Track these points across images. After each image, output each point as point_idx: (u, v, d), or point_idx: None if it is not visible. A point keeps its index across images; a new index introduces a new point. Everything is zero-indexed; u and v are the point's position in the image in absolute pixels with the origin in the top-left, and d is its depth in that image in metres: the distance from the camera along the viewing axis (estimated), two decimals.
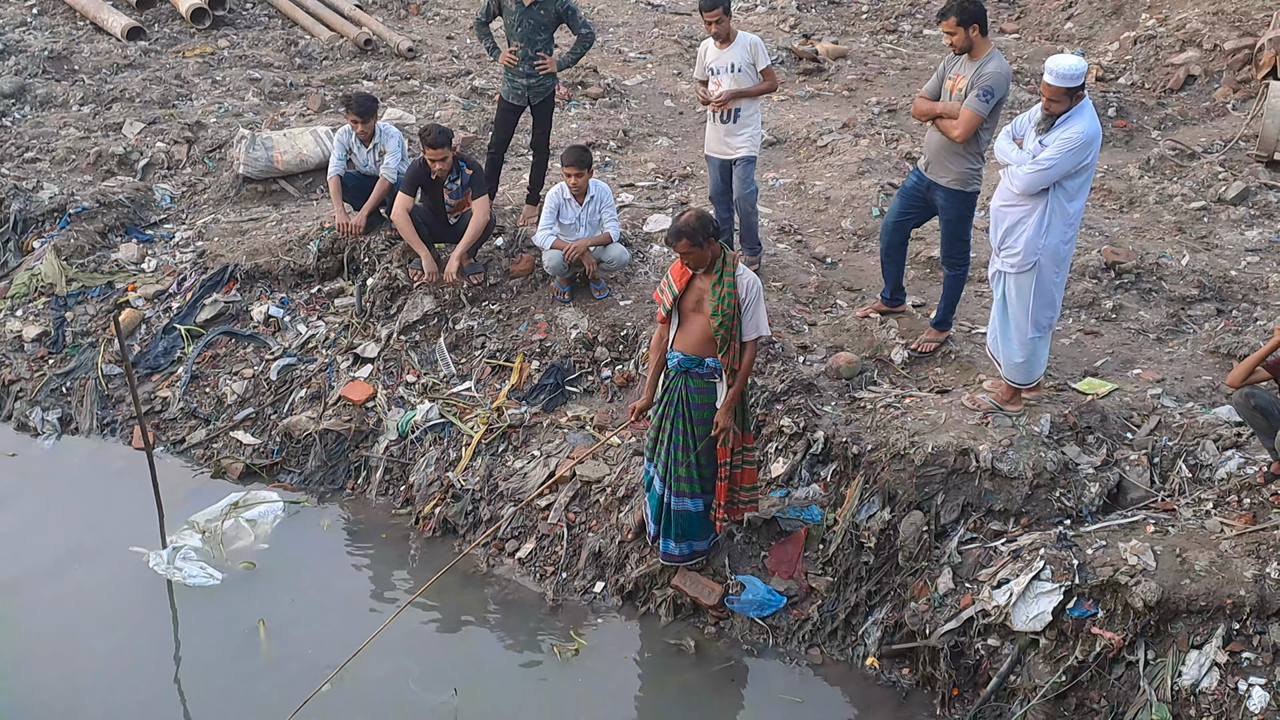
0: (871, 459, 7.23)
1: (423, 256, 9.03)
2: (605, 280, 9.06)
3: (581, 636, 7.10)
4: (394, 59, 13.83)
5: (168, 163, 11.56)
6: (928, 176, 7.67)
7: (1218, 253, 9.65)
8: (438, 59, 13.90)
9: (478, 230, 8.93)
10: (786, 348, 8.17)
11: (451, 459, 8.34)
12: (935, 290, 8.61)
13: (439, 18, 15.56)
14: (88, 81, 12.80)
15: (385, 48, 14.04)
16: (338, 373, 9.07)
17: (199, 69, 13.29)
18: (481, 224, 8.92)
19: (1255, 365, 6.27)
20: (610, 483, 7.78)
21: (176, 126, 11.90)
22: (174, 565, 7.52)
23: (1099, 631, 6.13)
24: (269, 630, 7.11)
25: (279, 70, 13.37)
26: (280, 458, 8.67)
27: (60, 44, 13.33)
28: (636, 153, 12.00)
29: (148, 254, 10.36)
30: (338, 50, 13.88)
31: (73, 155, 11.47)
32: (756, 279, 6.66)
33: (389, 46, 14.01)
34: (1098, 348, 8.26)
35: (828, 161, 11.58)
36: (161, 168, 11.52)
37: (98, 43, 13.55)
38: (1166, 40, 13.30)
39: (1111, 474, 6.92)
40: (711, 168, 8.88)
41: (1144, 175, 11.05)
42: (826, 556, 7.18)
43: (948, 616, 6.60)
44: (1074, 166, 6.56)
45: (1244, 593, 5.91)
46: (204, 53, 13.67)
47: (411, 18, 15.48)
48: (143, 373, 9.33)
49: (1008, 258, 6.89)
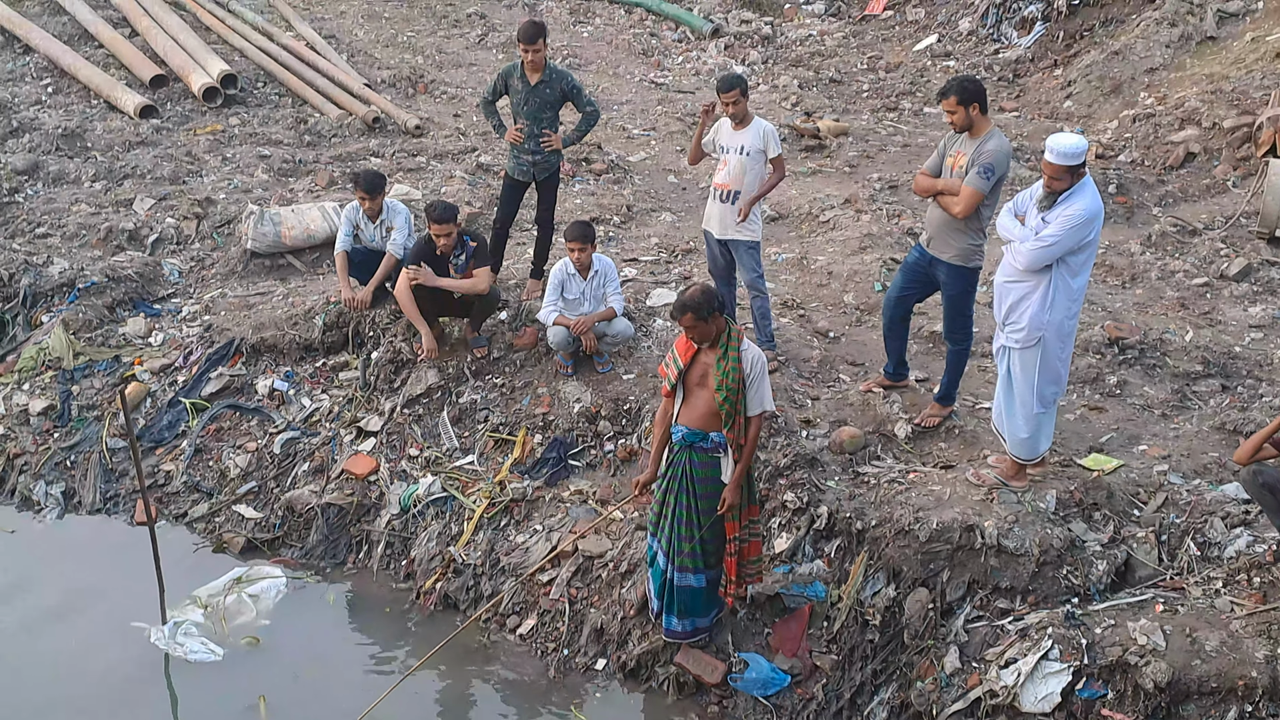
0: (876, 535, 7.19)
1: (423, 333, 9.07)
2: (609, 354, 9.07)
3: (583, 713, 7.00)
4: (401, 136, 14.00)
5: (177, 238, 11.66)
6: (930, 252, 7.70)
7: (1221, 329, 9.66)
8: (444, 136, 14.08)
9: (470, 285, 8.93)
10: (790, 422, 8.15)
11: (453, 533, 8.30)
12: (938, 365, 8.61)
13: (446, 96, 15.78)
14: (100, 158, 12.96)
15: (393, 125, 14.23)
16: (341, 446, 9.06)
17: (209, 146, 13.46)
18: (479, 286, 8.94)
19: (1263, 442, 6.24)
20: (613, 558, 7.73)
21: (186, 202, 12.02)
22: (175, 641, 7.47)
23: (1109, 713, 6.05)
24: (270, 706, 7.03)
25: (288, 147, 13.54)
26: (282, 532, 8.64)
27: (74, 122, 13.51)
28: (640, 228, 12.10)
29: (155, 328, 10.41)
30: (346, 128, 14.06)
31: (83, 231, 11.58)
32: (761, 354, 6.67)
33: (397, 124, 14.20)
34: (1103, 423, 8.24)
35: (830, 236, 11.66)
36: (170, 243, 11.62)
37: (110, 120, 13.73)
38: (1165, 118, 13.43)
39: (1119, 551, 6.87)
40: (709, 244, 8.92)
41: (1145, 251, 11.11)
42: (831, 634, 7.11)
43: (955, 697, 6.51)
44: (1077, 243, 6.59)
45: (1256, 674, 5.83)
46: (215, 130, 13.85)
47: (419, 96, 15.71)
48: (147, 446, 9.33)
49: (1012, 333, 6.90)
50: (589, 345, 8.85)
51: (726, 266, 8.87)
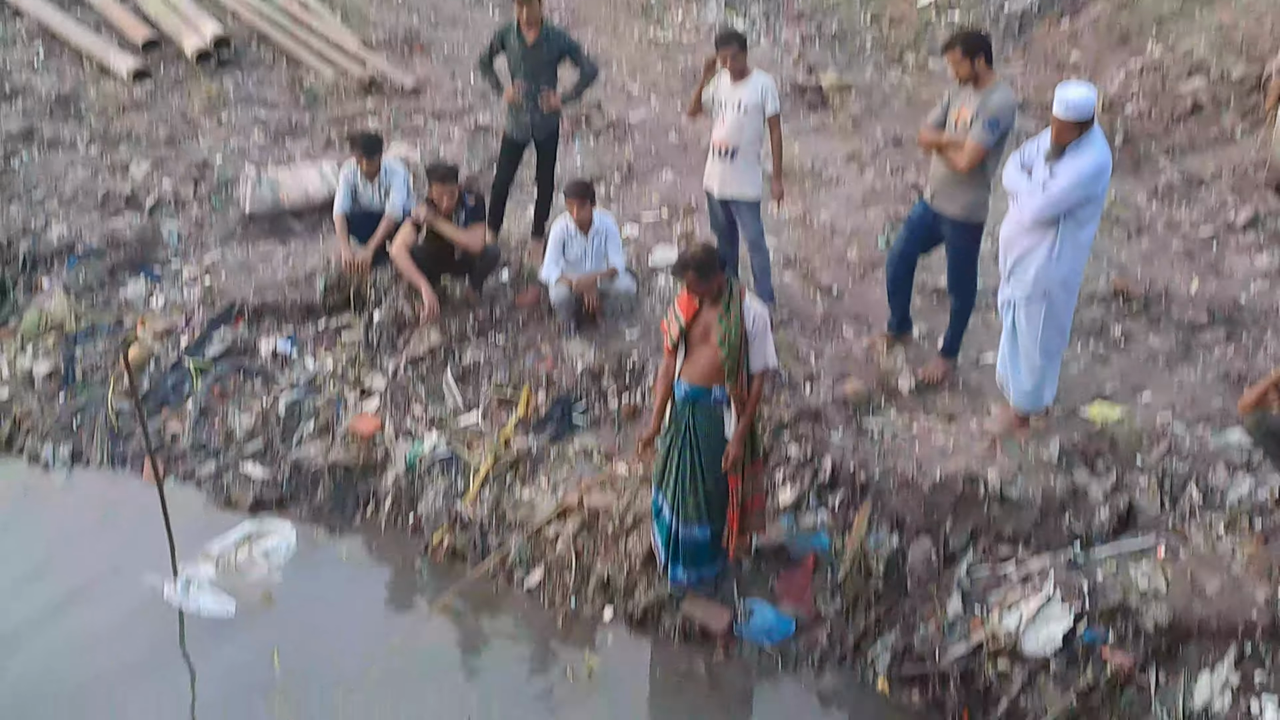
0: (880, 486, 7.22)
1: (423, 290, 9.04)
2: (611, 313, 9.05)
3: (592, 661, 7.06)
4: (398, 96, 13.91)
5: (175, 201, 11.62)
6: (933, 207, 7.67)
7: (1227, 279, 9.63)
8: (442, 96, 14.00)
9: (467, 240, 8.92)
10: (793, 377, 8.16)
11: (459, 490, 8.33)
12: (942, 319, 8.60)
13: (443, 55, 15.67)
14: (94, 122, 12.91)
15: (390, 85, 14.13)
16: (345, 406, 9.08)
17: (205, 109, 13.40)
18: (474, 244, 8.92)
19: (1268, 389, 6.25)
20: (618, 512, 7.77)
21: (183, 166, 11.99)
22: (189, 596, 7.53)
23: (1110, 655, 6.09)
24: (283, 659, 7.09)
25: (284, 109, 13.47)
26: (289, 490, 8.68)
27: (67, 86, 13.44)
28: (641, 186, 12.05)
29: (155, 291, 10.41)
30: (343, 89, 13.97)
31: (80, 195, 11.55)
32: (764, 310, 6.67)
33: (393, 84, 14.11)
34: (1107, 374, 8.24)
35: (833, 193, 11.61)
36: (169, 206, 11.58)
37: (104, 84, 13.65)
38: (1173, 69, 13.31)
39: (1122, 498, 6.90)
40: (710, 202, 8.90)
41: (1152, 202, 11.06)
42: (835, 582, 7.15)
43: (957, 641, 6.56)
44: (1085, 196, 6.55)
45: (1256, 615, 5.88)
46: (209, 93, 13.77)
47: (415, 56, 15.58)
48: (152, 407, 9.35)
49: (1018, 286, 6.89)
50: (591, 304, 8.85)
51: (728, 224, 8.85)
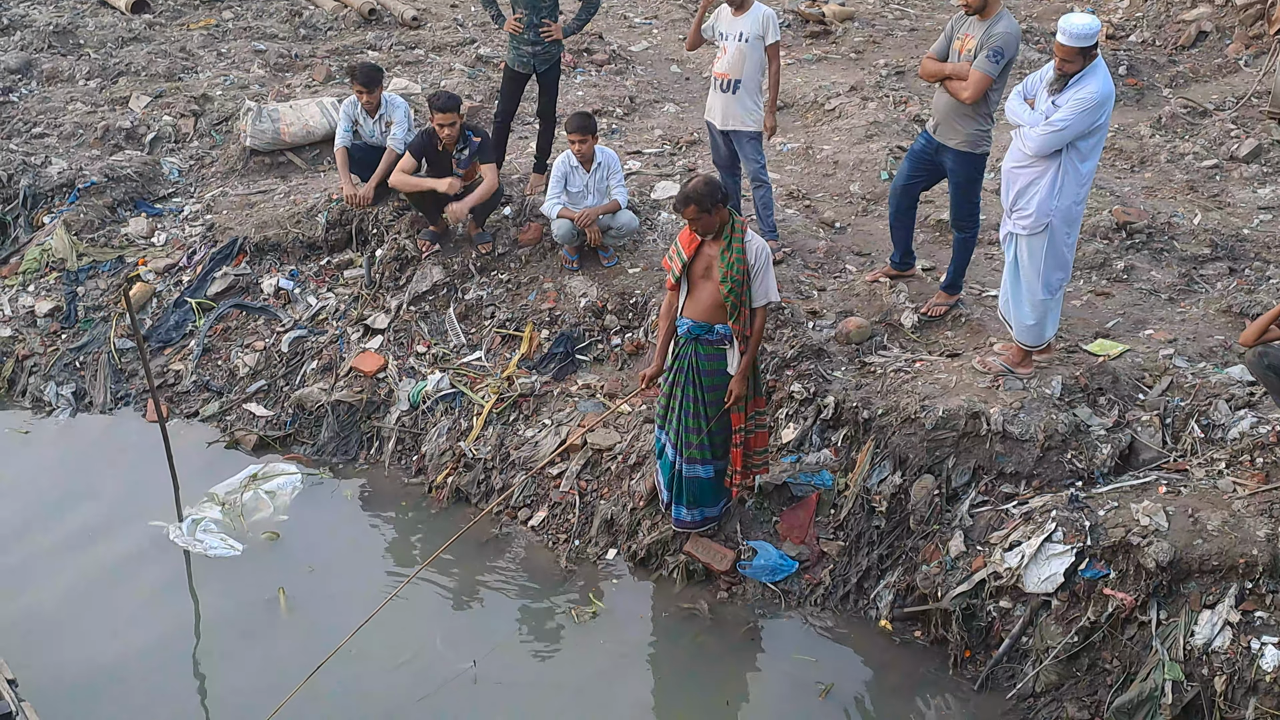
0: (882, 423, 7.23)
1: (437, 185, 8.85)
2: (614, 248, 9.04)
3: (596, 600, 7.13)
4: (399, 28, 13.78)
5: (175, 136, 11.55)
6: (936, 139, 7.61)
7: (1230, 211, 9.59)
8: (442, 28, 13.86)
9: (486, 191, 8.89)
10: (796, 313, 8.15)
11: (463, 429, 8.37)
12: (945, 254, 8.58)
13: None
14: (93, 56, 12.80)
15: (390, 17, 13.99)
16: (348, 344, 9.09)
17: (204, 42, 13.28)
18: (490, 187, 8.89)
19: (1269, 324, 6.23)
20: (621, 450, 7.80)
21: (183, 100, 11.89)
22: (195, 537, 7.57)
23: (1111, 592, 6.14)
24: (289, 598, 7.17)
25: (284, 42, 13.35)
26: (293, 429, 8.72)
27: (65, 18, 13.31)
28: (643, 119, 11.96)
29: (157, 228, 10.37)
30: (342, 20, 13.84)
31: (80, 130, 11.47)
32: (766, 245, 6.64)
33: (393, 16, 13.96)
34: (1109, 309, 8.23)
35: (835, 125, 11.52)
36: (169, 141, 11.51)
37: (102, 17, 13.53)
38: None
39: (1123, 435, 6.91)
40: (712, 134, 8.83)
41: (1155, 134, 10.98)
42: (838, 521, 7.19)
43: (959, 579, 6.61)
44: (1088, 127, 6.49)
45: (1257, 552, 5.90)
46: (208, 25, 13.64)
47: None
48: (155, 346, 9.37)
49: (1019, 219, 6.85)
50: (593, 238, 8.82)
51: (729, 157, 8.79)
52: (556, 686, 6.57)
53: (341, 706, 6.36)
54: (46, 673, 6.33)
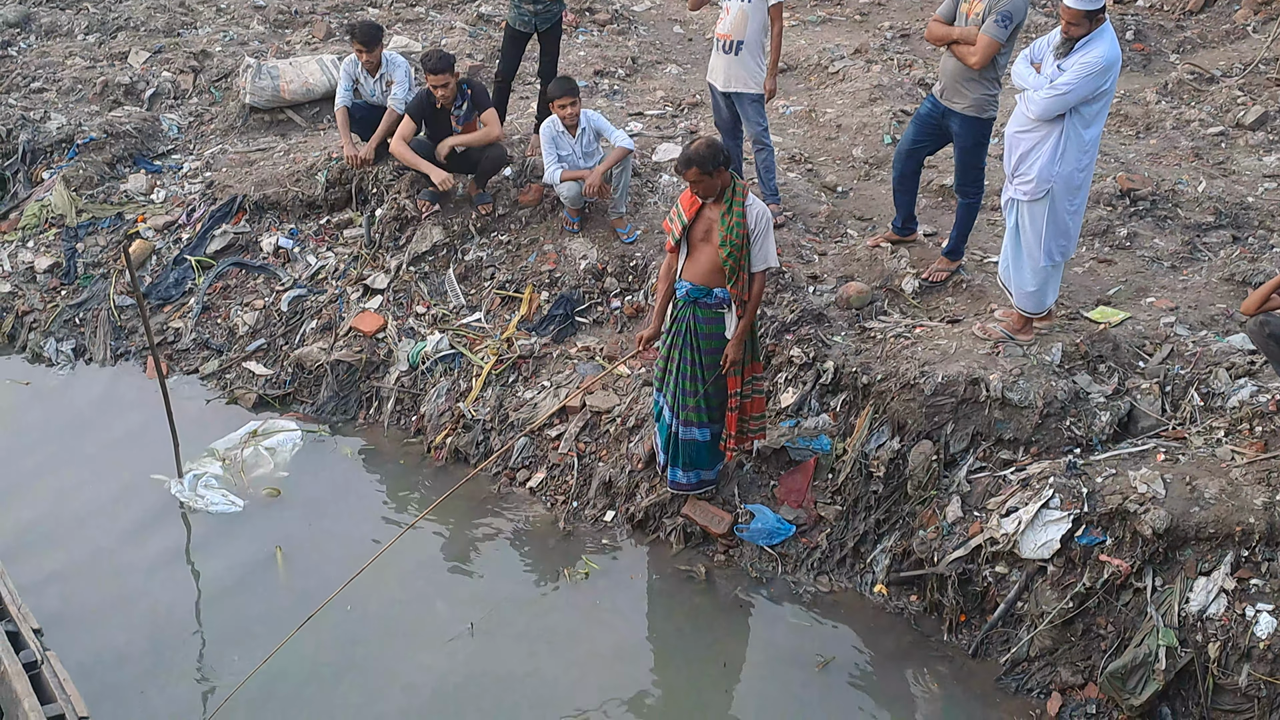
0: (881, 389, 7.22)
1: (430, 172, 8.87)
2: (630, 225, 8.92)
3: (592, 562, 7.15)
4: None
5: (174, 92, 11.49)
6: (943, 103, 7.55)
7: (1235, 179, 9.54)
8: None
9: (483, 137, 8.82)
10: (796, 278, 8.13)
11: (462, 389, 8.36)
12: (947, 219, 8.54)
13: None
14: (92, 10, 12.71)
15: None
16: (348, 304, 9.07)
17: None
18: (489, 135, 8.82)
19: (1270, 292, 6.21)
20: (620, 413, 7.81)
21: (182, 55, 11.81)
22: (196, 493, 7.60)
23: (1107, 559, 6.16)
24: (287, 556, 7.19)
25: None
26: (292, 388, 8.72)
27: None
28: (645, 81, 11.88)
29: (156, 185, 10.33)
30: None
31: (79, 85, 11.40)
32: (766, 209, 6.60)
33: None
34: (1111, 276, 8.20)
35: (839, 88, 11.45)
36: (168, 97, 11.45)
37: None
38: None
39: (1122, 403, 6.90)
40: (714, 96, 8.77)
41: (1161, 100, 10.91)
42: (835, 486, 7.20)
43: (956, 544, 6.63)
44: (1092, 92, 6.44)
45: (1253, 520, 5.91)
46: None
47: None
48: (154, 303, 9.36)
49: (1021, 185, 6.81)
50: (600, 192, 8.69)
51: (732, 119, 8.73)
52: (550, 644, 6.60)
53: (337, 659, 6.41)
54: (53, 623, 6.36)
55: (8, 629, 5.08)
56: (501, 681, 6.33)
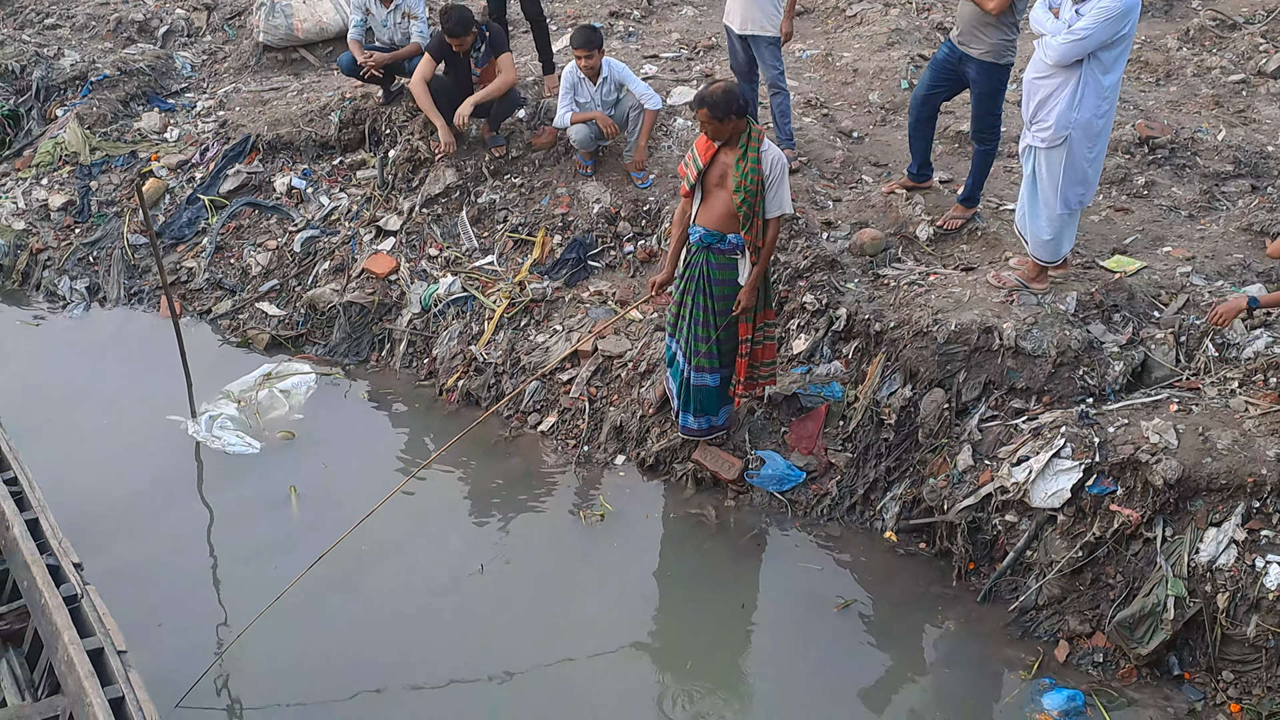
0: (894, 336, 7.21)
1: (439, 128, 8.90)
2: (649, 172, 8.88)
3: (608, 503, 7.19)
4: None
5: (187, 30, 11.43)
6: (960, 48, 7.47)
7: (1255, 127, 9.43)
8: None
9: (501, 87, 8.75)
10: (810, 224, 8.09)
11: (474, 333, 8.37)
12: (963, 166, 8.47)
13: None
14: None
15: None
16: (360, 245, 9.06)
17: None
18: (507, 82, 8.75)
19: None
20: (632, 358, 7.81)
21: None
22: (212, 434, 7.63)
23: (1117, 509, 6.17)
24: (301, 495, 7.24)
25: None
26: (305, 329, 8.74)
27: None
28: (661, 23, 11.76)
29: (170, 123, 10.30)
30: None
31: (93, 22, 11.35)
32: (782, 155, 6.54)
33: None
34: (1128, 225, 8.14)
35: (856, 32, 11.32)
36: (181, 35, 11.39)
37: None
38: None
39: (1136, 353, 6.88)
40: (730, 39, 8.67)
41: (1182, 47, 10.76)
42: (847, 433, 7.21)
43: (966, 493, 6.64)
44: (1110, 37, 6.35)
45: (1265, 471, 5.90)
46: None
47: None
48: (168, 243, 9.37)
49: (1039, 132, 6.74)
50: (609, 131, 8.63)
51: (748, 63, 8.64)
52: (566, 585, 6.65)
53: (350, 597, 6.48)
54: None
55: (49, 563, 5.14)
56: (514, 617, 6.39)
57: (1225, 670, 5.84)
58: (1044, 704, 5.83)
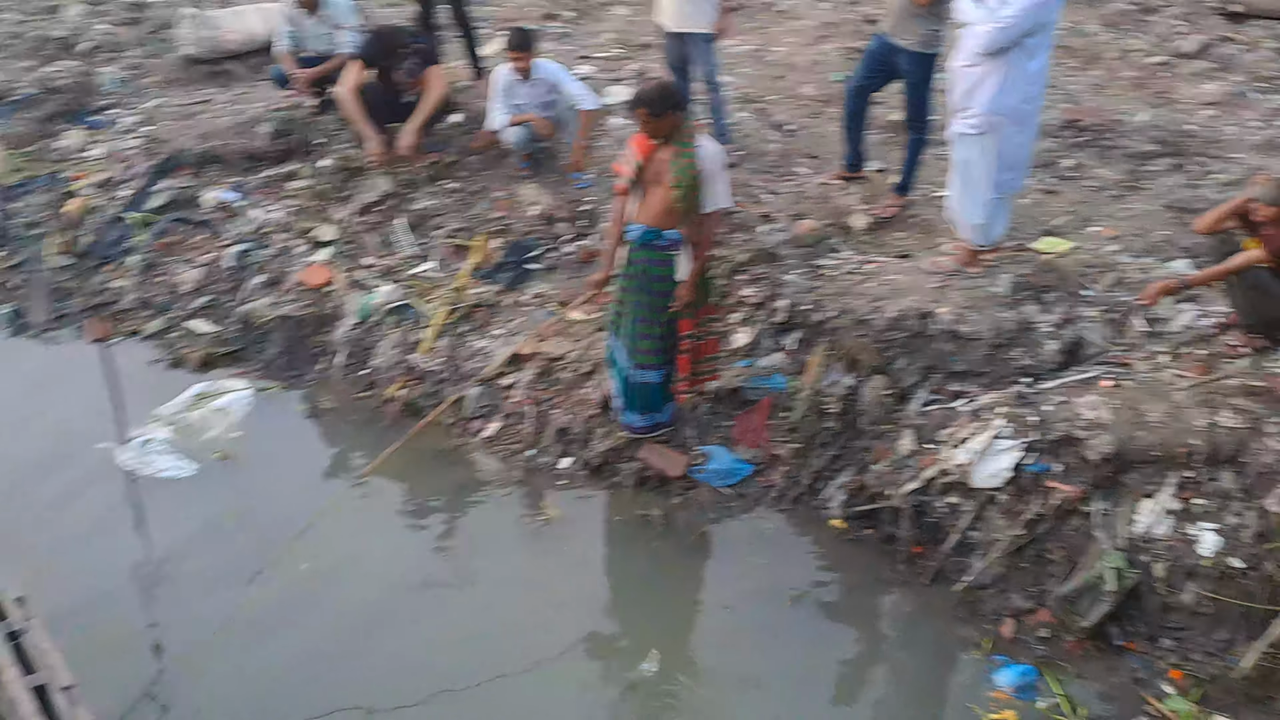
0: (834, 326, 7.26)
1: (366, 137, 8.83)
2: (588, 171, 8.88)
3: (550, 509, 7.17)
4: None
5: (111, 45, 11.25)
6: (890, 40, 7.56)
7: (1176, 107, 9.62)
8: None
9: (434, 103, 8.72)
10: (748, 217, 8.13)
11: (414, 341, 8.30)
12: (897, 155, 8.55)
13: None
14: None
15: None
16: (294, 257, 8.96)
17: None
18: (439, 97, 8.72)
19: (1228, 214, 6.32)
20: (575, 359, 7.79)
21: (118, 7, 11.58)
22: (145, 459, 7.46)
23: (1056, 485, 6.26)
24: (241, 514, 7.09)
25: None
26: (240, 345, 8.61)
27: None
28: (594, 23, 11.78)
29: (94, 141, 10.14)
30: None
31: (12, 40, 11.17)
32: (719, 150, 6.57)
33: None
34: (1057, 206, 8.27)
35: (788, 27, 11.41)
36: (105, 51, 11.22)
37: None
38: None
39: (1069, 331, 6.98)
40: (666, 37, 8.70)
41: (1104, 31, 10.96)
42: (791, 424, 7.24)
43: (910, 477, 6.70)
44: (1035, 23, 6.46)
45: (1197, 442, 6.02)
46: None
47: None
48: (94, 263, 9.20)
49: (967, 119, 6.84)
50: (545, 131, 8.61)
51: (682, 60, 8.67)
52: (510, 592, 6.60)
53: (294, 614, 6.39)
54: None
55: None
56: (462, 630, 6.33)
57: (1165, 638, 5.95)
58: (997, 681, 5.90)
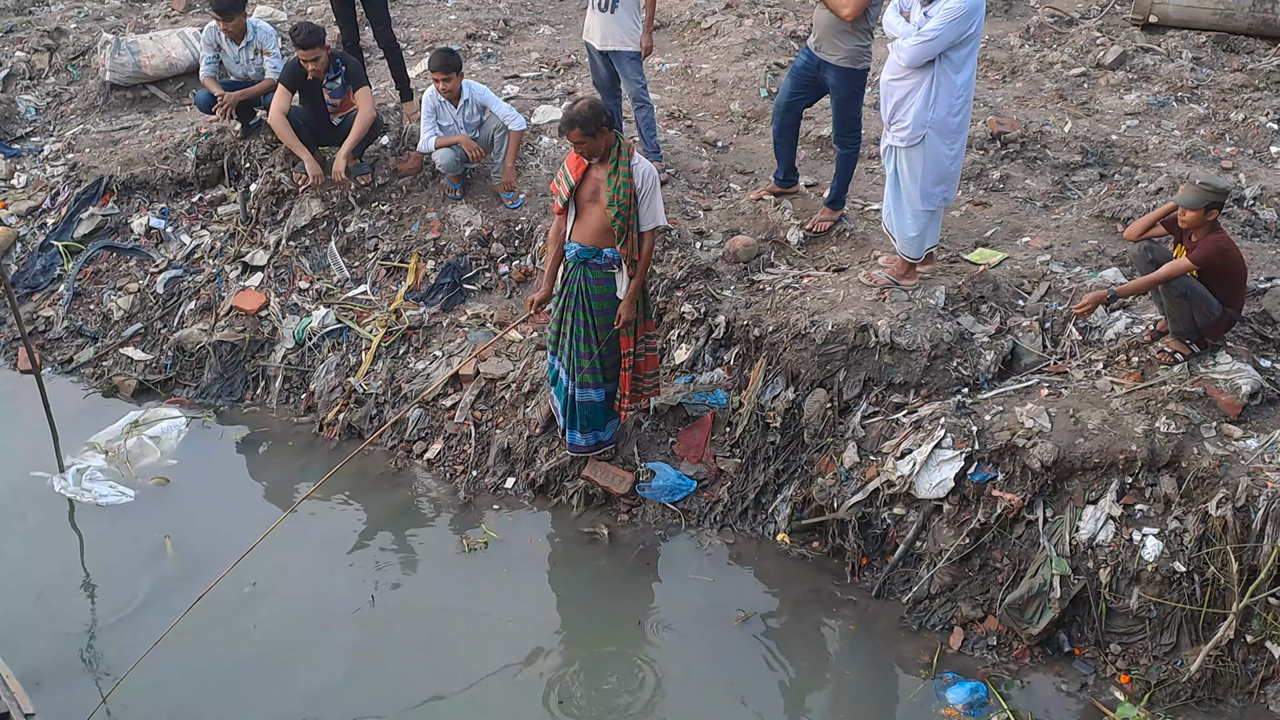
0: (773, 340, 7.30)
1: (305, 159, 8.75)
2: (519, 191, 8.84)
3: (493, 530, 7.11)
4: None
5: (29, 73, 11.03)
6: (818, 55, 7.63)
7: (1099, 118, 9.82)
8: None
9: (364, 126, 8.66)
10: (683, 234, 8.15)
11: (351, 364, 8.22)
12: (827, 170, 8.64)
13: None
14: None
15: None
16: (227, 283, 8.83)
17: None
18: (368, 119, 8.66)
19: (1155, 221, 6.46)
20: (515, 379, 7.76)
21: (35, 34, 11.34)
22: (81, 487, 7.32)
23: (999, 494, 6.34)
24: (179, 541, 6.98)
25: None
26: (174, 372, 8.46)
27: None
28: (519, 43, 11.75)
29: (16, 169, 9.91)
30: None
31: None
32: (653, 168, 6.59)
33: None
34: (987, 218, 8.40)
35: (713, 44, 11.47)
36: (23, 78, 11.00)
37: None
38: None
39: (1005, 341, 7.08)
40: (591, 56, 8.71)
41: (1024, 44, 11.16)
42: (734, 439, 7.27)
43: (854, 489, 6.75)
44: (958, 36, 6.56)
45: (1135, 447, 6.13)
46: None
47: None
48: (22, 293, 9.00)
49: (897, 132, 6.93)
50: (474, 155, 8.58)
51: (610, 78, 8.68)
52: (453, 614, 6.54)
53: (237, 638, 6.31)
54: None
55: None
56: (405, 653, 6.27)
57: (1113, 643, 6.05)
58: (948, 698, 5.94)
